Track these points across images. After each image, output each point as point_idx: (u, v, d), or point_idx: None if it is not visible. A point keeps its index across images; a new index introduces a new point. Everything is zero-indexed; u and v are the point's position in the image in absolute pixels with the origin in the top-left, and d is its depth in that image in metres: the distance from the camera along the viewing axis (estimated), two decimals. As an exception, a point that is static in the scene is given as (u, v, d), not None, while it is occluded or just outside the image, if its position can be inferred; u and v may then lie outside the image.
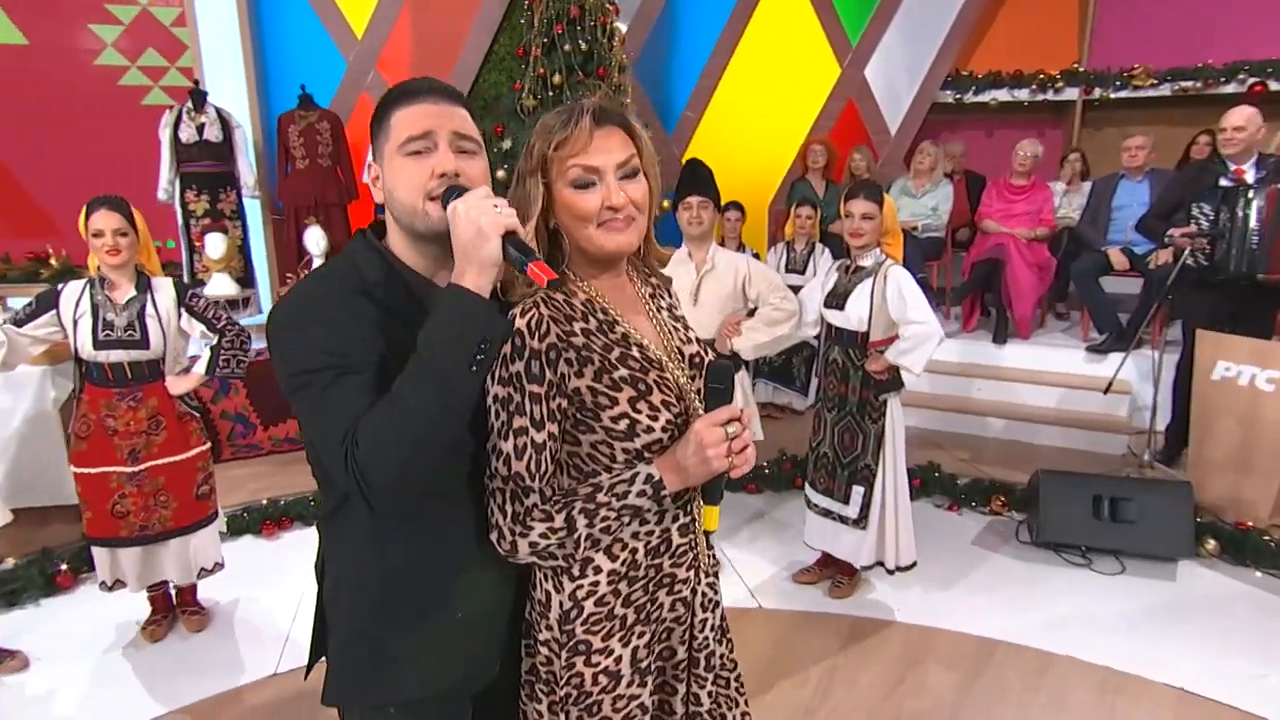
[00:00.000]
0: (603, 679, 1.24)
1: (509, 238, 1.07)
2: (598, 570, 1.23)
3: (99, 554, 2.77)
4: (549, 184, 1.20)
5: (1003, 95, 6.84)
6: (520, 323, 1.15)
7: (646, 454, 1.21)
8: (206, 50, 5.28)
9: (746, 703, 1.49)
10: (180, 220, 4.91)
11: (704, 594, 1.35)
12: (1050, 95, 6.75)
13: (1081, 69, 6.72)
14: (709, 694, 1.37)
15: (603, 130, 1.19)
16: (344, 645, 1.22)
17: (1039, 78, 6.71)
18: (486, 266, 1.07)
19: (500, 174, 5.12)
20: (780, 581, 3.33)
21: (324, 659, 1.28)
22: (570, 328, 1.20)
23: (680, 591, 1.31)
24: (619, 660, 1.25)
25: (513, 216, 1.09)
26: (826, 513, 3.15)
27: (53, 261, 5.22)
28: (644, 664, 1.28)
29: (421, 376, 1.04)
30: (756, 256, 5.35)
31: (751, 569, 3.42)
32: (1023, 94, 6.80)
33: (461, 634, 1.23)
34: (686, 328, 1.37)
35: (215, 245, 4.62)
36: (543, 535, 1.17)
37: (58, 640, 2.92)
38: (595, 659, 1.24)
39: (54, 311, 2.62)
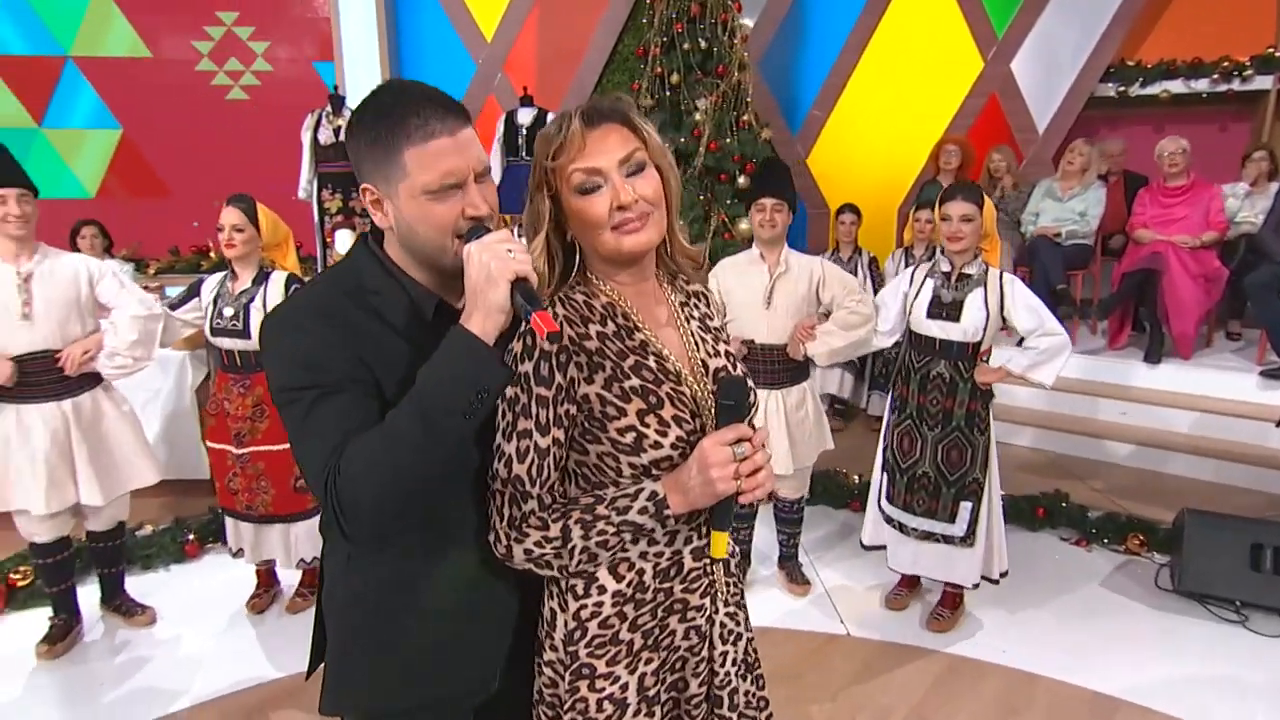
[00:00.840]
0: (608, 706, 1.16)
1: (518, 284, 1.04)
2: (602, 590, 1.16)
3: (228, 522, 3.00)
4: (555, 196, 1.15)
5: (1176, 87, 6.14)
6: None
7: (655, 470, 1.13)
8: (349, 57, 5.60)
9: None
10: (316, 217, 5.23)
11: (723, 624, 1.25)
12: (1236, 85, 5.99)
13: (1279, 54, 5.92)
14: None
15: (597, 130, 1.12)
16: (338, 653, 1.21)
17: (1222, 65, 5.97)
18: (493, 312, 1.04)
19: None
20: (872, 606, 3.11)
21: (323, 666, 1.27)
22: (585, 330, 1.14)
23: (694, 620, 1.21)
24: (625, 688, 1.17)
25: (525, 263, 1.05)
26: (927, 535, 2.92)
27: (211, 254, 5.72)
28: (652, 693, 1.19)
29: (414, 416, 1.02)
30: (875, 262, 5.08)
31: (842, 591, 3.23)
32: (1201, 84, 6.07)
33: (459, 645, 1.20)
34: (718, 340, 1.27)
35: (344, 241, 4.89)
36: (537, 543, 1.11)
37: (181, 602, 3.17)
38: (600, 684, 1.16)
39: (197, 298, 2.91)
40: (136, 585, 3.19)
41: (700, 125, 4.91)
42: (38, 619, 2.91)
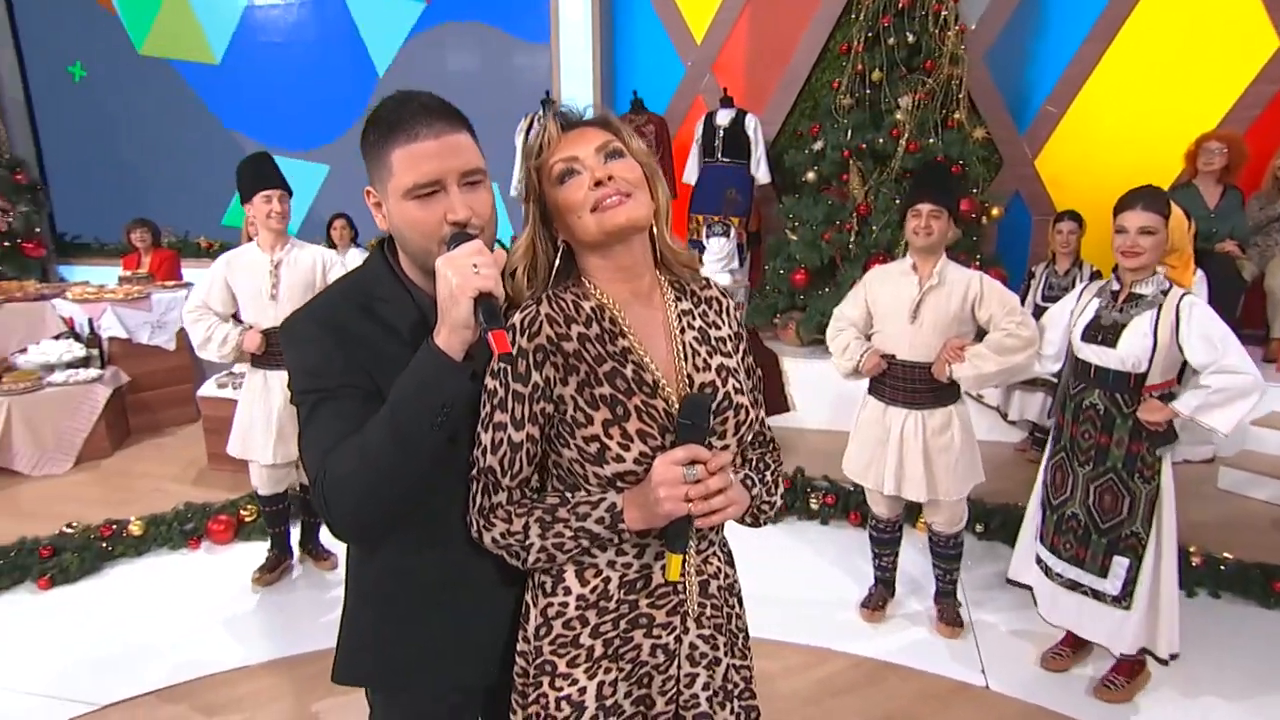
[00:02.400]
0: (566, 707, 1.18)
1: (481, 301, 1.05)
2: (568, 592, 1.19)
3: None
4: (540, 198, 1.19)
5: None
6: (515, 318, 1.15)
7: (619, 483, 1.14)
8: (565, 61, 5.95)
9: None
10: (524, 213, 5.63)
11: (694, 646, 1.22)
12: None
13: None
14: None
15: (574, 130, 1.16)
16: (349, 629, 1.30)
17: None
18: (457, 328, 1.06)
19: (810, 176, 5.02)
20: (1026, 662, 2.80)
21: None
22: (566, 331, 1.16)
23: (660, 637, 1.20)
24: (583, 691, 1.18)
25: (489, 279, 1.06)
26: (1073, 585, 2.60)
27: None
28: (609, 703, 1.19)
29: (386, 427, 1.07)
30: (1097, 275, 4.51)
31: (995, 639, 2.93)
32: None
33: (455, 633, 1.26)
34: (715, 352, 1.23)
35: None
36: (502, 534, 1.16)
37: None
38: (559, 683, 1.19)
39: None
40: (325, 535, 3.68)
41: (900, 125, 4.64)
42: (257, 550, 3.46)
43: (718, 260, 5.04)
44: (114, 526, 3.54)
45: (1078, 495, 2.55)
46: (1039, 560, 2.73)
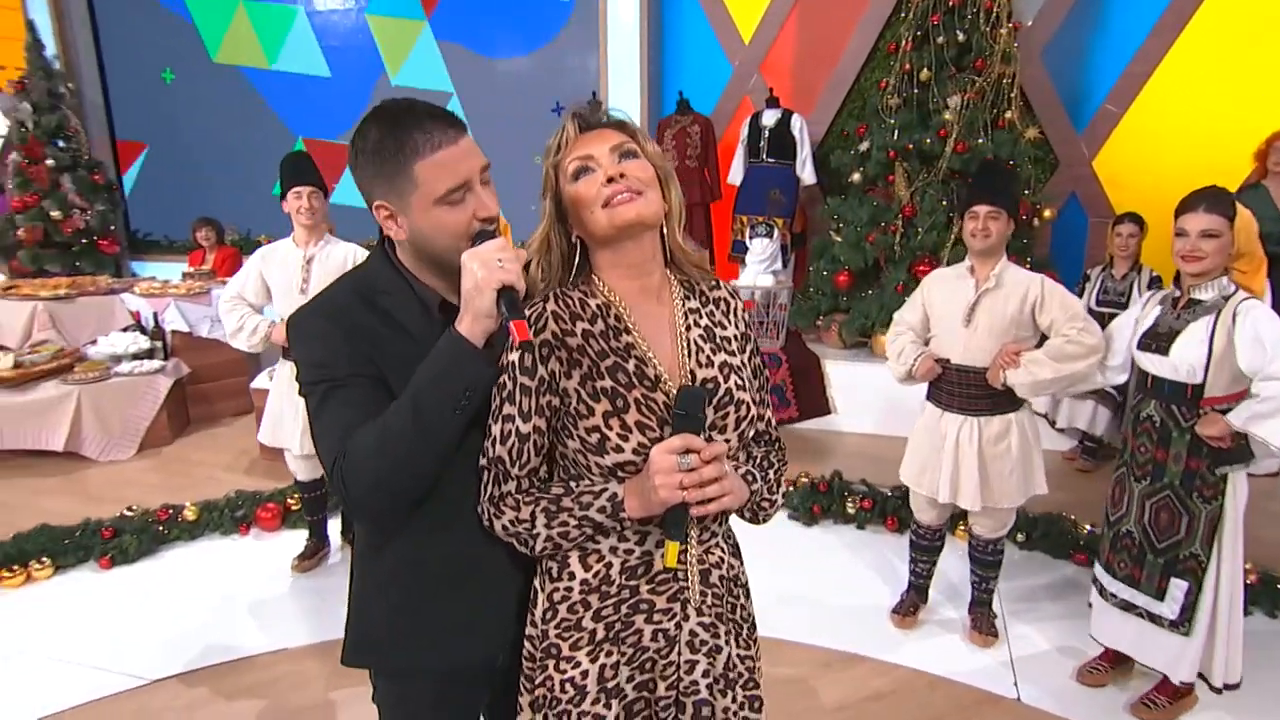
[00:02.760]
0: (569, 689, 1.22)
1: (503, 293, 1.12)
2: (572, 576, 1.23)
3: None
4: (557, 195, 1.22)
5: None
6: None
7: (619, 473, 1.18)
8: (612, 62, 5.99)
9: None
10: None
11: (694, 633, 1.25)
12: None
13: None
14: None
15: (591, 132, 1.20)
16: (358, 612, 1.34)
17: None
18: (480, 317, 1.13)
19: (856, 177, 4.96)
20: (1061, 675, 2.73)
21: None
22: (571, 327, 1.20)
23: (660, 622, 1.23)
24: (585, 675, 1.21)
25: (512, 273, 1.12)
26: (1127, 605, 2.51)
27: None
28: (611, 685, 1.22)
29: (409, 410, 1.13)
30: (1157, 280, 4.35)
31: (1030, 651, 2.86)
32: None
33: (463, 617, 1.29)
34: (719, 350, 1.26)
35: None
36: (511, 522, 1.20)
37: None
38: (563, 666, 1.22)
39: None
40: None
41: (948, 125, 4.55)
42: (302, 537, 3.58)
43: (760, 261, 5.01)
44: (170, 511, 3.71)
45: (1133, 512, 2.47)
46: (1095, 579, 2.65)
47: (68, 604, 3.18)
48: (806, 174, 5.38)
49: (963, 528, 3.23)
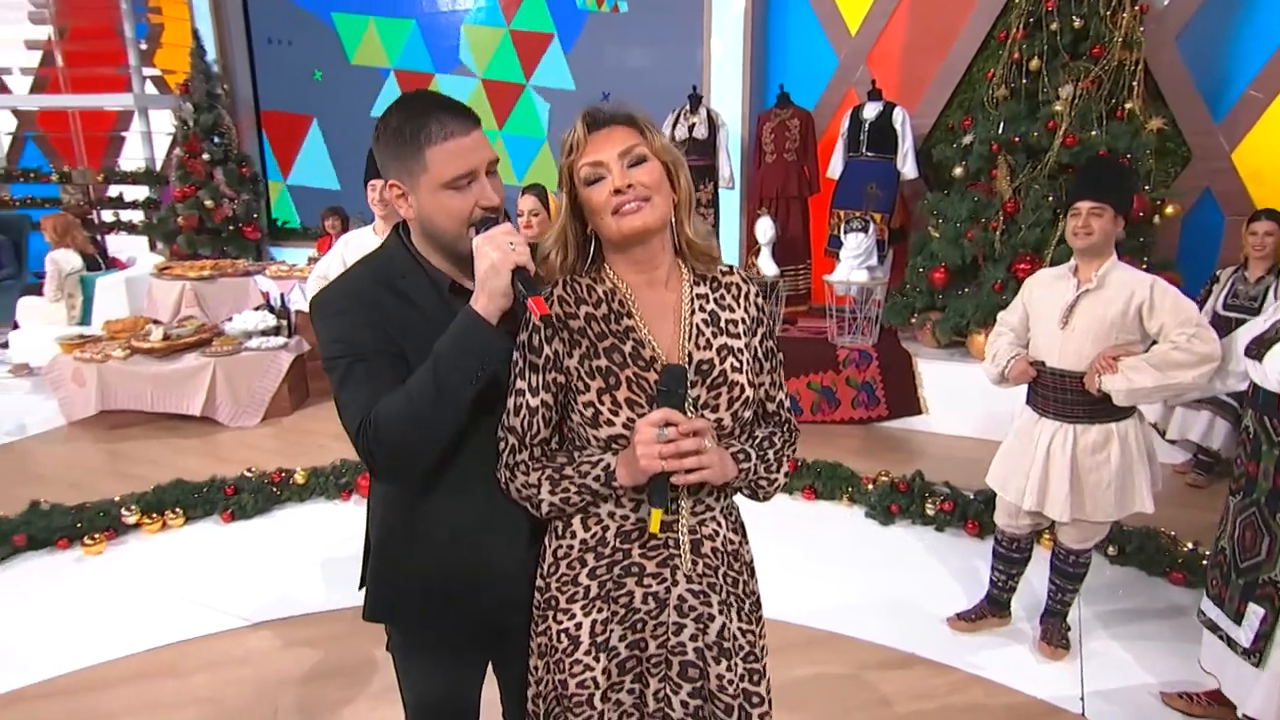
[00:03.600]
0: (564, 639, 1.32)
1: (518, 273, 1.23)
2: (573, 535, 1.33)
3: None
4: (572, 191, 1.30)
5: None
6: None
7: (613, 445, 1.27)
8: (716, 54, 6.02)
9: None
10: (667, 207, 5.79)
11: (683, 599, 1.32)
12: None
13: None
14: (683, 703, 1.34)
15: (601, 131, 1.26)
16: (376, 571, 1.45)
17: None
18: (496, 296, 1.24)
19: (958, 171, 4.81)
20: (1141, 697, 2.59)
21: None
22: (575, 310, 1.30)
23: (650, 586, 1.31)
24: (579, 627, 1.31)
25: (524, 254, 1.24)
26: (1214, 626, 2.36)
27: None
28: (601, 639, 1.31)
29: (430, 381, 1.24)
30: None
31: (1108, 669, 2.73)
32: None
33: (474, 572, 1.39)
34: (721, 334, 1.32)
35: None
36: (522, 486, 1.32)
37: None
38: (560, 618, 1.33)
39: None
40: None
41: (1058, 116, 4.33)
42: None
43: (854, 257, 4.94)
44: (284, 475, 4.07)
45: (1228, 527, 2.32)
46: (1217, 629, 2.41)
47: (193, 550, 3.57)
48: (908, 168, 5.24)
49: (1048, 535, 3.09)
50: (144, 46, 8.58)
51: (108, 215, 8.49)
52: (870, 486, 3.99)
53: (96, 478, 4.26)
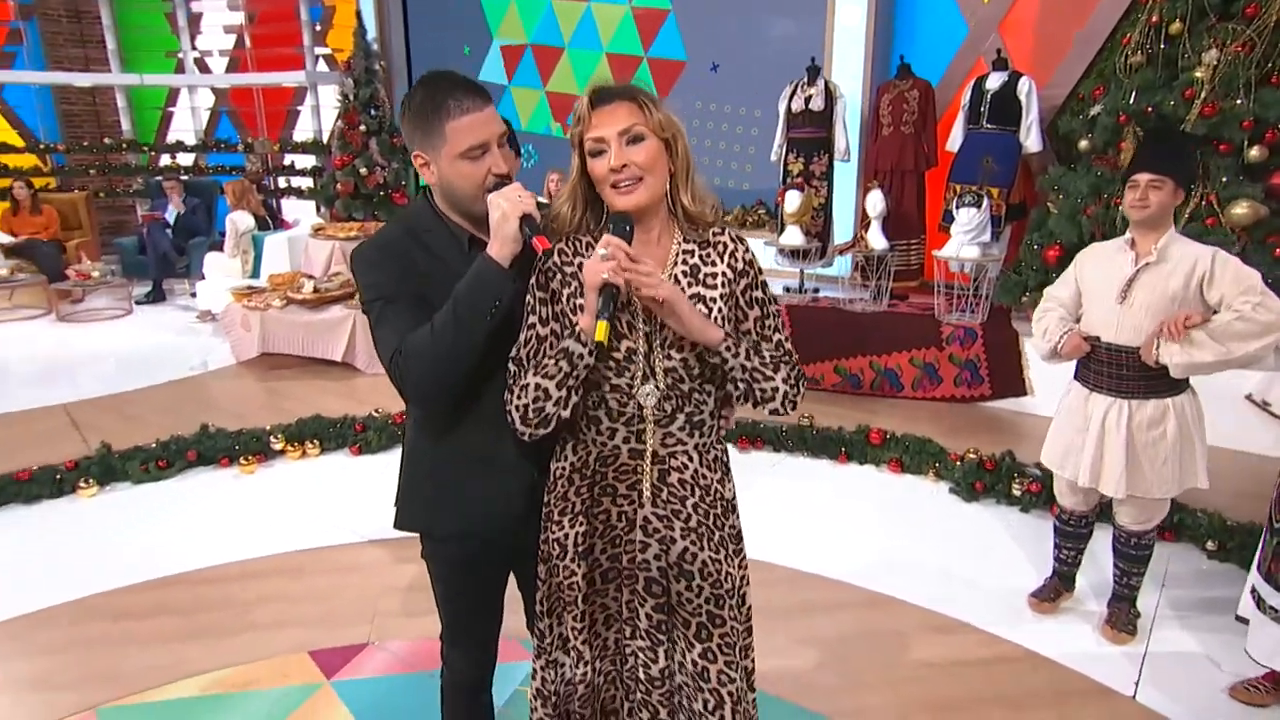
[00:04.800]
0: (556, 547, 1.54)
1: (525, 219, 1.44)
2: (566, 458, 1.54)
3: None
4: (582, 157, 1.48)
5: None
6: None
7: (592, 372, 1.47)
8: (840, 24, 5.94)
9: (744, 675, 1.56)
10: (780, 177, 5.83)
11: (648, 520, 1.50)
12: None
13: None
14: (648, 615, 1.52)
15: (606, 107, 1.42)
16: (405, 485, 1.69)
17: None
18: (507, 241, 1.45)
19: (1084, 144, 4.59)
20: (1203, 687, 2.52)
21: None
22: (571, 259, 1.50)
23: (621, 505, 1.51)
24: (566, 537, 1.53)
25: (530, 205, 1.45)
26: (1260, 602, 2.29)
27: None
28: (582, 548, 1.52)
29: (452, 316, 1.45)
30: None
31: (1167, 648, 2.68)
32: None
33: (487, 488, 1.61)
34: (696, 282, 1.48)
35: (791, 201, 5.38)
36: (520, 394, 1.47)
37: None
38: (552, 528, 1.55)
39: None
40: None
41: (1198, 84, 4.03)
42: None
43: (965, 232, 4.81)
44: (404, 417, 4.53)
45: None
46: (1253, 590, 2.43)
47: (325, 476, 4.10)
48: (1032, 141, 5.01)
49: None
50: (318, 28, 9.44)
51: (282, 181, 9.47)
52: (958, 464, 3.95)
53: (254, 409, 4.92)
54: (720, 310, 1.48)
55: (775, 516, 3.63)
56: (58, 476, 3.90)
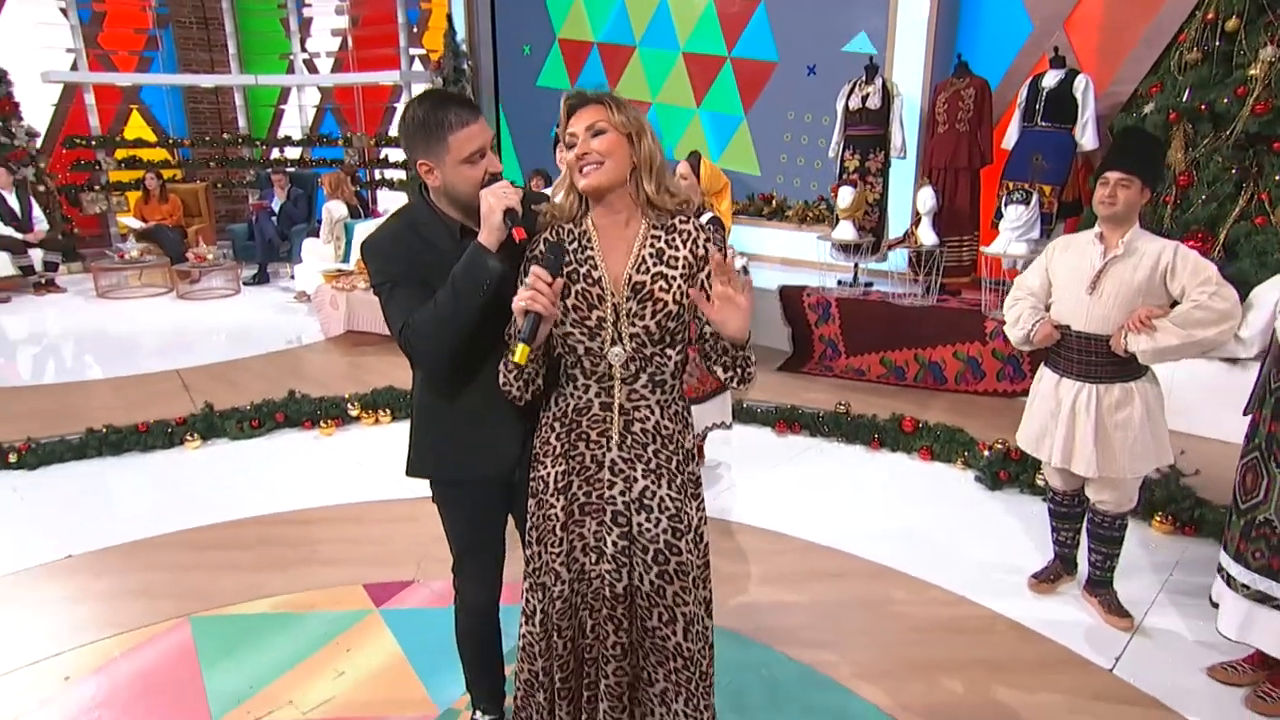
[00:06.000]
0: (540, 484, 1.83)
1: (508, 212, 1.71)
2: (549, 409, 1.83)
3: None
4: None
5: None
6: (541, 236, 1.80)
7: (567, 342, 1.74)
8: (902, 21, 6.00)
9: (700, 603, 1.82)
10: (837, 173, 5.96)
11: (614, 462, 1.76)
12: None
13: None
14: (613, 543, 1.78)
15: (582, 109, 1.70)
16: (414, 437, 1.96)
17: None
18: (493, 230, 1.70)
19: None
20: (1173, 663, 2.62)
21: None
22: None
23: (593, 450, 1.77)
24: (548, 476, 1.81)
25: (514, 200, 1.72)
26: (1263, 597, 2.38)
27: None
28: (562, 485, 1.79)
29: (449, 295, 1.70)
30: None
31: (1162, 635, 2.78)
32: None
33: (484, 439, 1.91)
34: (661, 263, 1.71)
35: (844, 197, 5.52)
36: (503, 372, 1.77)
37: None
38: (538, 468, 1.84)
39: None
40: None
41: (1251, 81, 3.98)
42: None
43: (1013, 229, 4.85)
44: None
45: (1273, 499, 2.34)
46: (1220, 569, 2.53)
47: (393, 441, 4.49)
48: (1087, 138, 4.99)
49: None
50: (414, 30, 10.05)
51: (376, 174, 10.15)
52: (985, 453, 4.05)
53: (337, 379, 5.44)
54: (680, 288, 1.72)
55: (798, 494, 3.84)
56: (169, 430, 4.49)
